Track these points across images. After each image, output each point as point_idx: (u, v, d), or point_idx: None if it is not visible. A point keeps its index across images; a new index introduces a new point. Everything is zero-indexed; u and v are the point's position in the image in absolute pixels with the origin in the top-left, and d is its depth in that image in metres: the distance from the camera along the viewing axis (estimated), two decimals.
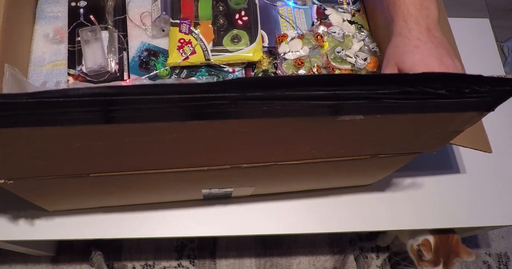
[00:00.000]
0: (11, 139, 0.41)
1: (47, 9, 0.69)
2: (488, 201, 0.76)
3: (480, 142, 0.63)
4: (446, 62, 0.52)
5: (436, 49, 0.53)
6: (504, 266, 1.22)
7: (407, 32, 0.54)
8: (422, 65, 0.52)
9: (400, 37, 0.55)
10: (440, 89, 0.39)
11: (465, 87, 0.40)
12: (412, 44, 0.53)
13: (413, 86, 0.39)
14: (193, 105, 0.38)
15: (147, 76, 0.64)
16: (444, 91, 0.40)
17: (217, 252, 1.19)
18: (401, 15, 0.55)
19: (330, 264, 1.19)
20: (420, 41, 0.53)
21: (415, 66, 0.52)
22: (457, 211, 0.75)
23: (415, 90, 0.39)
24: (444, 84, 0.39)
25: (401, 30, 0.55)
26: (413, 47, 0.53)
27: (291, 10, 0.72)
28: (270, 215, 0.73)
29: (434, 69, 0.51)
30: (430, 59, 0.52)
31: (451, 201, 0.75)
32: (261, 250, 1.19)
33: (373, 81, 0.39)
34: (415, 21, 0.54)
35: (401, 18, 0.55)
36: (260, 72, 0.67)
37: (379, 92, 0.39)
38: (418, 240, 0.88)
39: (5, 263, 1.13)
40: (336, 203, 0.74)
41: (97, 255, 1.05)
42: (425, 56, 0.52)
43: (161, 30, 0.66)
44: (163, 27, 0.66)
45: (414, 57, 0.52)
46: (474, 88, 0.40)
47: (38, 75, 0.64)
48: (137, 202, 0.72)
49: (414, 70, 0.52)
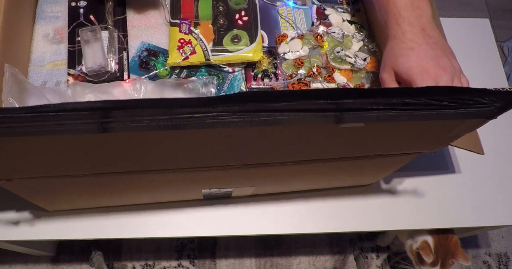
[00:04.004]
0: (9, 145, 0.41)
1: (47, 9, 0.69)
2: (488, 201, 0.76)
3: (473, 144, 0.63)
4: (442, 64, 0.51)
5: (432, 50, 0.52)
6: (504, 266, 1.22)
7: (401, 35, 0.54)
8: (417, 67, 0.51)
9: (395, 40, 0.54)
10: (444, 101, 0.39)
11: (468, 99, 0.40)
12: (406, 46, 0.53)
13: (416, 98, 0.39)
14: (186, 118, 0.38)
15: (147, 76, 0.64)
16: (448, 102, 0.40)
17: (217, 252, 1.19)
18: (393, 18, 0.55)
19: (330, 264, 1.19)
20: (415, 43, 0.53)
21: (411, 69, 0.52)
22: (457, 211, 0.75)
23: (419, 102, 0.39)
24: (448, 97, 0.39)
25: (395, 33, 0.54)
26: (408, 49, 0.53)
27: (291, 10, 0.73)
28: (270, 215, 0.73)
29: (430, 71, 0.51)
30: (425, 61, 0.51)
31: (451, 201, 0.75)
32: (261, 250, 1.19)
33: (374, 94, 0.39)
34: (408, 23, 0.54)
35: (394, 21, 0.55)
36: (260, 72, 0.67)
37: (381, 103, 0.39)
38: (417, 240, 0.88)
39: (5, 263, 1.13)
40: (336, 203, 0.74)
41: (97, 255, 1.05)
42: (420, 58, 0.52)
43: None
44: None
45: (409, 59, 0.52)
46: (477, 100, 0.40)
47: (38, 75, 0.65)
48: (137, 202, 0.72)
49: (410, 72, 0.52)
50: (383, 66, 0.56)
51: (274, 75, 0.67)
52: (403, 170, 0.74)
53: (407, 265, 1.00)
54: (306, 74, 0.67)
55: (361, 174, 0.70)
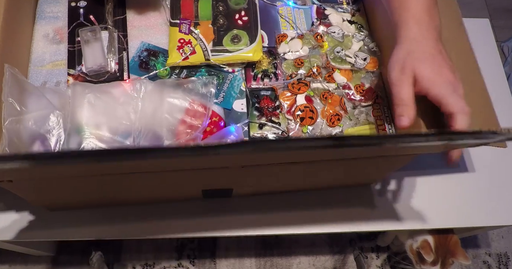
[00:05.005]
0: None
1: (47, 9, 0.69)
2: (488, 201, 0.76)
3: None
4: (456, 76, 0.51)
5: (447, 61, 0.52)
6: (504, 266, 1.22)
7: (422, 38, 0.52)
8: (442, 75, 0.51)
9: (415, 42, 0.53)
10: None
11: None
12: (428, 51, 0.52)
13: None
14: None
15: (146, 76, 0.64)
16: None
17: (217, 252, 1.19)
18: (412, 18, 0.53)
19: (330, 264, 1.19)
20: (435, 50, 0.52)
21: (436, 76, 0.51)
22: (457, 211, 0.75)
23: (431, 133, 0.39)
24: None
25: (413, 36, 0.53)
26: (430, 55, 0.51)
27: (291, 10, 0.72)
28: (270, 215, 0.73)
29: (452, 81, 0.50)
30: (447, 70, 0.51)
31: (451, 201, 0.75)
32: (261, 250, 1.19)
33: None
34: (427, 28, 0.53)
35: (413, 21, 0.53)
36: (260, 72, 0.67)
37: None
38: (417, 240, 0.88)
39: (5, 263, 1.13)
40: (336, 203, 0.73)
41: (97, 255, 1.05)
42: (442, 67, 0.51)
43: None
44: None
45: (433, 66, 0.51)
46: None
47: (38, 75, 0.65)
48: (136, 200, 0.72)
49: (434, 79, 0.51)
50: (399, 68, 0.53)
51: (274, 75, 0.67)
52: (403, 170, 0.74)
53: (407, 265, 1.00)
54: (306, 74, 0.67)
55: (362, 173, 0.70)
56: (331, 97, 0.65)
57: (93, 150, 0.37)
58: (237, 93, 0.66)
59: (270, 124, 0.64)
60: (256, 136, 0.64)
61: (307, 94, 0.65)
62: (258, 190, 0.72)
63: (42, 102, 0.58)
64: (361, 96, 0.66)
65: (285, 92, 0.66)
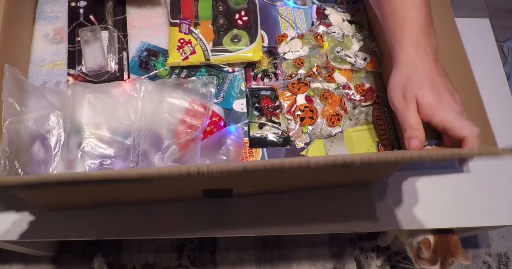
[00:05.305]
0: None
1: (47, 9, 0.69)
2: (488, 201, 0.76)
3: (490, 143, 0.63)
4: (456, 98, 0.51)
5: (445, 84, 0.52)
6: (504, 266, 1.22)
7: (419, 61, 0.52)
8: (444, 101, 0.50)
9: (412, 65, 0.52)
10: None
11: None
12: (427, 76, 0.51)
13: None
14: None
15: (146, 76, 0.64)
16: None
17: (217, 252, 1.19)
18: (408, 40, 0.53)
19: (330, 264, 1.19)
20: (433, 73, 0.52)
21: (434, 103, 0.50)
22: (457, 211, 0.75)
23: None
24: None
25: (411, 58, 0.53)
26: (429, 80, 0.51)
27: (291, 10, 0.72)
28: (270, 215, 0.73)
29: (453, 106, 0.50)
30: (445, 93, 0.51)
31: (451, 201, 0.75)
32: (261, 250, 1.19)
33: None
34: (424, 50, 0.52)
35: (409, 43, 0.53)
36: (260, 72, 0.67)
37: None
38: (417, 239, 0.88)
39: (5, 263, 1.13)
40: (336, 203, 0.73)
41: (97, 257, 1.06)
42: (442, 92, 0.51)
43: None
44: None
45: (432, 92, 0.51)
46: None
47: (38, 75, 0.65)
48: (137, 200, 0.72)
49: (435, 108, 0.50)
50: (396, 93, 0.53)
51: (274, 75, 0.67)
52: (403, 170, 0.74)
53: (407, 264, 1.00)
54: (306, 74, 0.67)
55: (362, 173, 0.70)
56: (331, 97, 0.65)
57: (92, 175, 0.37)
58: (237, 93, 0.66)
59: (270, 124, 0.64)
60: (256, 136, 0.64)
61: (307, 94, 0.65)
62: (258, 190, 0.72)
63: (42, 102, 0.58)
64: (361, 96, 0.66)
65: (285, 92, 0.66)
